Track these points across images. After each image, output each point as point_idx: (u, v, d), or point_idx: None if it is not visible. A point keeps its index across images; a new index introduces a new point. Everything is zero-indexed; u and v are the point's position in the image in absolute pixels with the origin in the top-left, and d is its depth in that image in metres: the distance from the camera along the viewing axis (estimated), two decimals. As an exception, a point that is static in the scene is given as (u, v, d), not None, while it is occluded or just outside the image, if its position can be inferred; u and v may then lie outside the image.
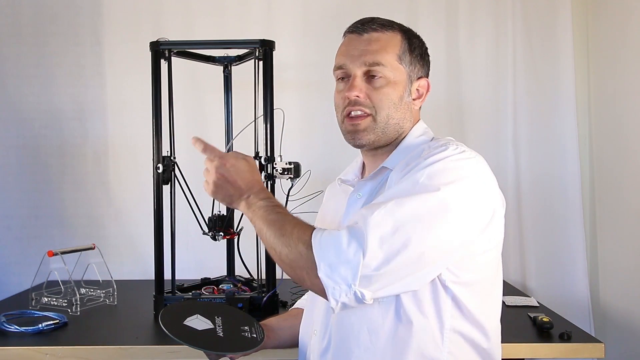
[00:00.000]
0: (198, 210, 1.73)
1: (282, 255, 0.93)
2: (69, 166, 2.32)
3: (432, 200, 0.89)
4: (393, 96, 1.03)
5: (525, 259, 2.30)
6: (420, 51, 1.08)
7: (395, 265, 0.86)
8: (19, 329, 1.47)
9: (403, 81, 1.04)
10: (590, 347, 1.38)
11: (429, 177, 0.91)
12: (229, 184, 1.03)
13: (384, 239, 0.86)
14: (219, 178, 1.04)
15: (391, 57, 1.03)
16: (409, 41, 1.06)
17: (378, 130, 1.04)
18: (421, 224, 0.88)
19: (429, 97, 1.11)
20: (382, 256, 0.86)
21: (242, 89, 1.93)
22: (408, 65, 1.05)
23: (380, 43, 1.03)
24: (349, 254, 0.86)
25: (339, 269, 0.86)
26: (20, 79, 2.30)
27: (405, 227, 0.87)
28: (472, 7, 2.34)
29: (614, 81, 2.15)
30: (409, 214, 0.88)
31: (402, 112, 1.05)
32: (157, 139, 1.67)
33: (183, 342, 0.98)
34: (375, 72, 1.02)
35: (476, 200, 0.93)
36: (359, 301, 0.88)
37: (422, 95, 1.09)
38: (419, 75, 1.08)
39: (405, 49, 1.05)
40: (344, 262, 0.86)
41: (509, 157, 2.31)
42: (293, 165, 1.62)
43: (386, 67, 1.02)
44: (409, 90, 1.06)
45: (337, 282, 0.86)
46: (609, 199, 2.19)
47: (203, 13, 2.32)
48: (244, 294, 1.70)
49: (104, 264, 1.86)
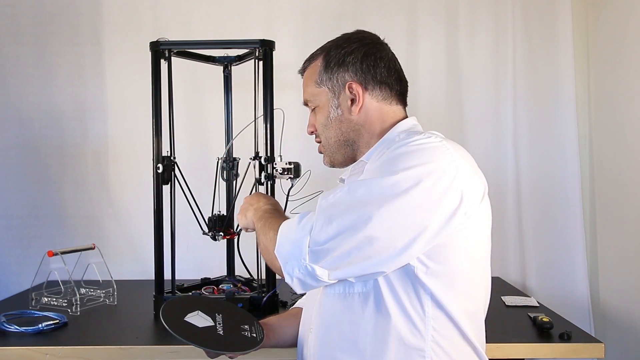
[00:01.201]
0: (198, 210, 1.74)
1: (260, 243, 1.05)
2: (69, 166, 2.32)
3: (385, 184, 0.90)
4: (322, 120, 1.11)
5: (525, 259, 2.30)
6: (337, 60, 1.07)
7: (342, 242, 0.90)
8: (19, 329, 1.47)
9: (325, 101, 1.10)
10: (590, 347, 1.38)
11: (388, 163, 0.93)
12: (248, 204, 1.17)
13: (333, 217, 0.91)
14: (245, 202, 1.19)
15: (311, 87, 1.12)
16: (326, 59, 1.09)
17: (329, 152, 1.13)
18: (371, 206, 0.89)
19: (429, 97, 1.12)
20: (330, 232, 0.90)
21: (242, 89, 1.93)
22: (328, 82, 1.09)
23: (305, 79, 1.14)
24: (299, 232, 0.94)
25: (289, 245, 0.95)
26: (20, 79, 2.30)
27: (355, 208, 0.90)
28: (472, 7, 2.34)
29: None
30: (360, 196, 0.91)
31: (335, 128, 1.10)
32: (157, 139, 1.67)
33: (183, 339, 0.98)
34: (310, 105, 1.14)
35: (437, 185, 0.90)
36: (313, 277, 0.93)
37: (357, 96, 1.06)
38: (345, 82, 1.07)
39: (321, 69, 1.09)
40: (294, 240, 0.94)
41: (509, 157, 2.31)
42: (293, 165, 1.62)
43: (311, 99, 1.13)
44: (336, 104, 1.08)
45: (288, 257, 0.94)
46: (609, 199, 2.19)
47: (203, 13, 2.32)
48: (244, 294, 1.70)
49: (104, 264, 1.86)
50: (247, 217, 1.15)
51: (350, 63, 1.07)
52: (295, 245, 0.94)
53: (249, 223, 1.14)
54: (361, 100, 1.07)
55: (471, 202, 0.93)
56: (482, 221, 0.99)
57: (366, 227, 0.89)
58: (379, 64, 1.08)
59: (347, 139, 1.09)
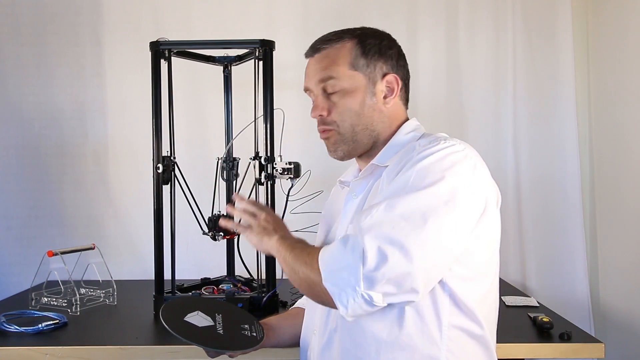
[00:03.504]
0: (198, 210, 1.73)
1: (296, 275, 0.97)
2: (69, 166, 2.32)
3: (424, 198, 0.89)
4: (352, 105, 1.04)
5: (525, 259, 2.30)
6: (378, 49, 1.06)
7: (394, 265, 0.86)
8: (19, 329, 1.47)
9: (361, 86, 1.05)
10: (590, 347, 1.38)
11: (418, 176, 0.91)
12: (266, 229, 1.07)
13: (379, 238, 0.87)
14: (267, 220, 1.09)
15: (342, 67, 1.04)
16: (362, 44, 1.05)
17: (347, 141, 1.06)
18: (414, 223, 0.88)
19: (429, 97, 1.12)
20: (380, 256, 0.86)
21: (242, 89, 1.93)
22: (365, 69, 1.05)
23: (329, 58, 1.05)
24: (348, 258, 0.87)
25: (341, 274, 0.88)
26: (20, 79, 2.30)
27: (399, 227, 0.87)
28: (472, 7, 2.34)
29: (614, 81, 2.15)
30: (402, 213, 0.88)
31: (367, 117, 1.05)
32: (157, 139, 1.67)
33: (183, 338, 0.98)
34: (330, 87, 1.05)
35: (467, 195, 0.92)
36: (370, 304, 0.87)
37: (394, 90, 1.07)
38: (384, 73, 1.06)
39: (358, 53, 1.05)
40: (345, 267, 0.87)
41: (509, 157, 2.31)
42: (293, 165, 1.62)
43: (339, 78, 1.04)
44: (372, 92, 1.05)
45: (342, 287, 0.87)
46: (609, 199, 2.19)
47: (203, 13, 2.32)
48: (244, 294, 1.70)
49: (104, 264, 1.86)
50: (263, 243, 1.05)
51: (389, 56, 1.07)
52: (348, 273, 0.87)
53: (266, 248, 1.05)
54: (396, 95, 1.07)
55: (493, 206, 0.98)
56: (498, 226, 1.02)
57: (413, 248, 0.87)
58: (406, 66, 1.11)
59: (374, 129, 1.06)
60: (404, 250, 0.86)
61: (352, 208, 1.07)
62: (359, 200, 1.06)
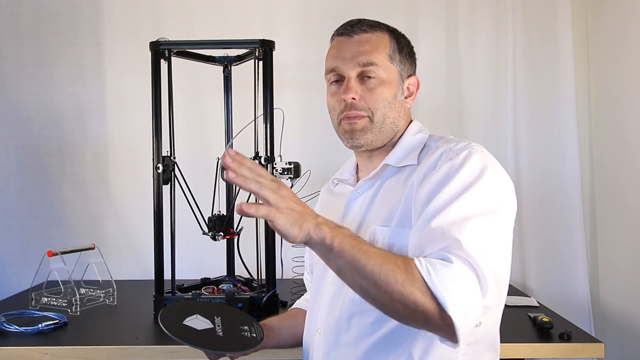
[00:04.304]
0: (198, 210, 1.73)
1: (393, 290, 0.80)
2: (69, 166, 2.32)
3: (500, 221, 0.91)
4: (387, 95, 1.03)
5: (525, 259, 2.30)
6: (408, 50, 1.09)
7: (495, 287, 0.86)
8: (19, 329, 1.47)
9: (395, 80, 1.05)
10: (590, 347, 1.38)
11: (488, 197, 0.92)
12: (304, 207, 0.84)
13: (488, 266, 0.84)
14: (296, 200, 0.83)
15: (383, 56, 1.04)
16: (397, 40, 1.07)
17: (375, 130, 1.04)
18: (499, 246, 0.90)
19: (429, 97, 1.12)
20: (494, 285, 0.85)
21: (242, 89, 1.93)
22: (399, 64, 1.06)
23: (371, 43, 1.03)
24: (473, 292, 0.82)
25: (468, 309, 0.81)
26: (20, 79, 2.30)
27: (494, 251, 0.88)
28: (472, 7, 2.34)
29: (614, 81, 2.15)
30: (490, 237, 0.88)
31: (396, 111, 1.06)
32: (157, 139, 1.67)
33: (183, 341, 0.97)
34: (370, 73, 1.02)
35: (515, 209, 0.97)
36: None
37: (413, 93, 1.10)
38: (409, 74, 1.09)
39: (395, 48, 1.06)
40: (471, 302, 0.82)
41: (509, 157, 2.31)
42: (293, 165, 1.62)
43: (379, 66, 1.03)
44: (402, 89, 1.07)
45: (469, 322, 0.82)
46: (609, 199, 2.19)
47: (203, 13, 2.32)
48: (244, 294, 1.70)
49: (104, 264, 1.86)
50: (302, 230, 0.81)
51: (414, 59, 1.11)
52: (475, 307, 0.82)
53: (305, 237, 0.82)
54: (414, 97, 1.10)
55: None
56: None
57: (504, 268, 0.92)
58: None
59: (397, 124, 1.07)
60: (499, 282, 0.89)
61: (357, 206, 1.07)
62: (362, 199, 1.06)
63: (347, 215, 1.07)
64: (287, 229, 0.80)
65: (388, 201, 1.01)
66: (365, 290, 0.83)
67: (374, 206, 1.04)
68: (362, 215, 1.05)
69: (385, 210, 1.00)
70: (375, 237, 0.98)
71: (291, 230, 0.80)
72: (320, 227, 0.82)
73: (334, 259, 0.83)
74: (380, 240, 0.97)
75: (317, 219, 0.83)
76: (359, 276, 0.82)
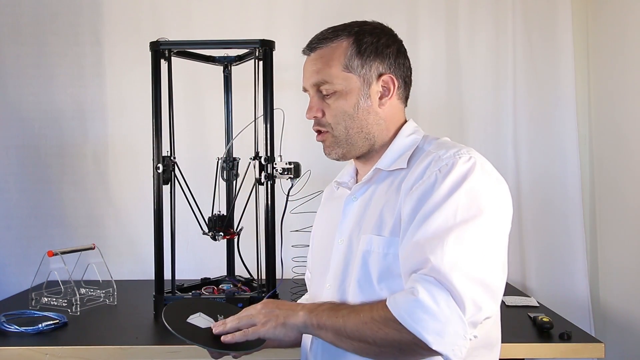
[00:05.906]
0: (198, 210, 1.74)
1: (375, 341, 0.88)
2: (69, 166, 2.32)
3: (483, 227, 0.89)
4: (346, 107, 1.03)
5: (525, 259, 2.30)
6: (375, 48, 1.03)
7: (486, 295, 0.87)
8: (19, 329, 1.47)
9: (355, 88, 1.02)
10: (590, 347, 1.38)
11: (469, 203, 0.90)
12: (276, 308, 0.99)
13: (466, 282, 0.85)
14: (266, 309, 1.00)
15: (336, 69, 1.02)
16: (357, 43, 1.02)
17: (342, 144, 1.05)
18: (486, 252, 0.89)
19: (429, 97, 1.11)
20: (474, 296, 0.85)
21: (242, 89, 1.93)
22: (359, 70, 1.02)
23: (323, 59, 1.03)
24: (446, 312, 0.83)
25: (447, 331, 0.83)
26: (20, 79, 2.30)
27: (477, 262, 0.87)
28: (472, 7, 2.34)
29: (614, 81, 2.15)
30: (470, 246, 0.87)
31: (361, 120, 1.03)
32: (157, 139, 1.67)
33: (186, 339, 0.98)
34: (324, 90, 1.04)
35: (508, 212, 0.96)
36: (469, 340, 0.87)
37: (390, 91, 1.04)
38: (379, 73, 1.04)
39: (353, 54, 1.02)
40: (447, 322, 0.83)
41: (509, 157, 2.31)
42: (293, 165, 1.62)
43: (333, 82, 1.02)
44: (367, 94, 1.03)
45: (454, 342, 0.83)
46: (609, 199, 2.19)
47: (203, 13, 2.32)
48: (244, 294, 1.70)
49: (104, 264, 1.86)
50: (286, 326, 0.96)
51: (386, 55, 1.04)
52: (453, 327, 0.83)
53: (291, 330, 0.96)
54: (392, 95, 1.05)
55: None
56: None
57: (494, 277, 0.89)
58: (406, 63, 1.08)
59: (369, 131, 1.04)
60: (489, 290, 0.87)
61: (353, 210, 1.07)
62: (358, 203, 1.06)
63: (344, 221, 1.08)
64: (275, 334, 0.96)
65: (381, 207, 1.01)
66: (358, 349, 0.91)
67: (368, 211, 1.04)
68: (356, 222, 1.05)
69: (378, 217, 1.00)
70: (372, 246, 0.98)
71: (278, 333, 0.96)
72: (298, 315, 0.95)
73: (323, 334, 0.94)
74: (376, 249, 0.98)
75: (295, 310, 0.95)
76: (346, 339, 0.90)
